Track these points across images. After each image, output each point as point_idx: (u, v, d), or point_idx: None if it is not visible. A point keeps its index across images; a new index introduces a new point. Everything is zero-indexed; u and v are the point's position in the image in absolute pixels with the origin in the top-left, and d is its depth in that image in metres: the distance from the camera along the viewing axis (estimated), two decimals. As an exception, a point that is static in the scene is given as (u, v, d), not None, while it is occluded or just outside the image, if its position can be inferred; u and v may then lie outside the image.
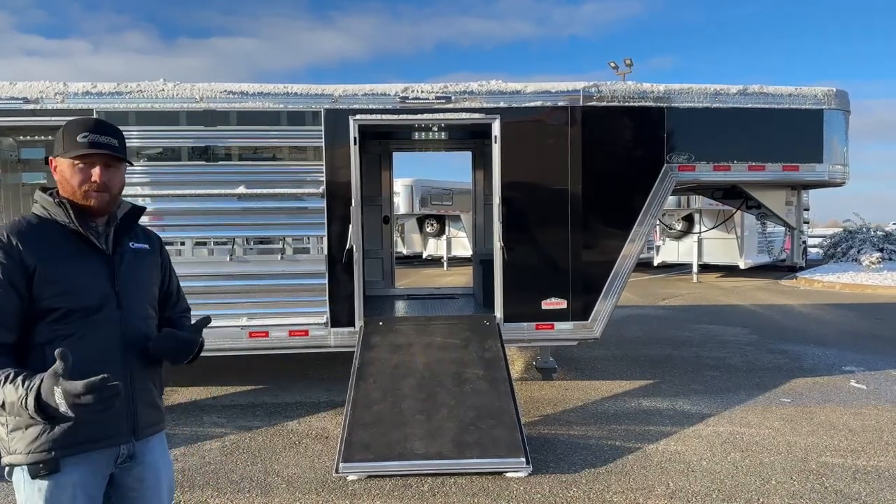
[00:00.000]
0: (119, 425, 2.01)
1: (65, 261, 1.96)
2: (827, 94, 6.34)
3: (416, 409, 4.90)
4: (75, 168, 2.00)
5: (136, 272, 2.11)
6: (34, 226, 1.99)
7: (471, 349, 5.65)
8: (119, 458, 2.04)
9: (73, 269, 1.97)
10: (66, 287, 1.93)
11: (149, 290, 2.18)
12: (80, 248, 2.00)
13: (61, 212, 2.00)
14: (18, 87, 5.81)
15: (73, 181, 2.00)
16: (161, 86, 5.88)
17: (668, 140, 6.09)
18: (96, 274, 2.00)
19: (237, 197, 5.89)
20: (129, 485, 2.08)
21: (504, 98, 6.02)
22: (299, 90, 5.93)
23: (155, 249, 2.25)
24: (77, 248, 2.00)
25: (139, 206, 2.21)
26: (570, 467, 4.57)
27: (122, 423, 2.02)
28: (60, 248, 1.97)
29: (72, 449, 1.91)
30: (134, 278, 2.10)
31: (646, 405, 6.03)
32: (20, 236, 1.92)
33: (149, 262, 2.20)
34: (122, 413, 2.00)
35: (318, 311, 5.99)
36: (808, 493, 4.16)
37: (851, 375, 7.06)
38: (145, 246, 2.20)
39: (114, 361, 1.97)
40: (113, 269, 2.04)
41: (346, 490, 4.22)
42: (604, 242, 6.11)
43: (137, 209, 2.19)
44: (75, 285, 1.95)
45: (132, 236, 2.16)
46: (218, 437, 5.22)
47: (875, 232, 20.83)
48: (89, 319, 1.95)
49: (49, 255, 1.94)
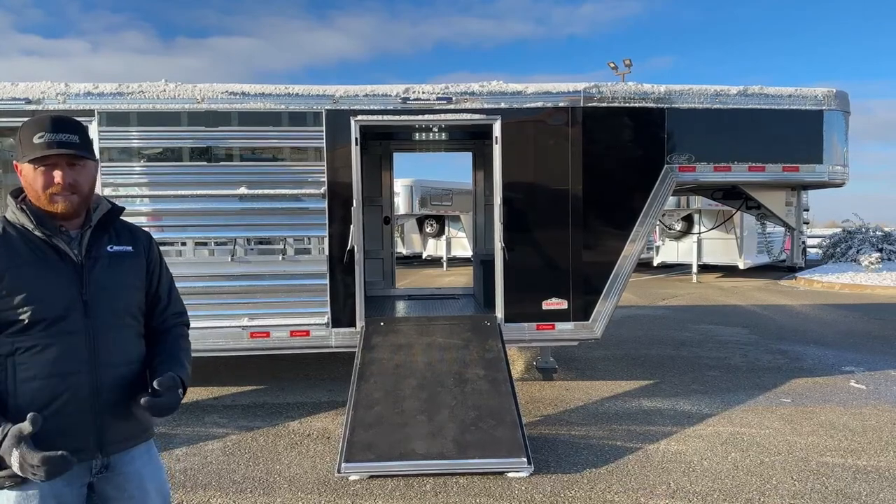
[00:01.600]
0: (82, 440, 1.91)
1: (27, 269, 1.85)
2: (827, 95, 6.35)
3: (418, 410, 4.91)
4: (37, 171, 1.88)
5: (110, 278, 1.98)
6: (1, 232, 1.88)
7: (472, 349, 5.66)
8: (94, 469, 1.97)
9: (37, 278, 1.86)
10: (28, 297, 1.83)
11: (126, 296, 2.04)
12: (46, 254, 1.89)
13: (25, 217, 1.90)
14: (20, 87, 5.81)
15: (35, 185, 1.89)
16: (162, 86, 5.88)
17: (669, 141, 6.10)
18: (62, 282, 1.89)
19: (238, 197, 5.90)
20: (110, 494, 2.02)
21: (505, 99, 6.03)
22: (301, 91, 5.94)
23: (140, 251, 2.10)
24: (42, 256, 1.89)
25: (118, 206, 2.08)
26: (572, 467, 4.58)
27: (88, 438, 1.92)
28: (24, 255, 1.86)
29: None
30: (107, 284, 1.97)
31: (646, 405, 6.04)
32: None
33: (129, 265, 2.06)
34: (85, 428, 1.91)
35: (319, 311, 6.00)
36: (809, 492, 4.17)
37: (851, 376, 7.07)
38: (128, 248, 2.06)
39: (78, 374, 1.88)
40: (82, 276, 1.92)
41: (349, 490, 4.23)
42: (604, 243, 6.12)
43: (116, 209, 2.07)
44: (38, 295, 1.84)
45: (112, 238, 2.04)
46: (219, 437, 5.23)
47: (874, 232, 20.86)
48: (52, 330, 1.85)
49: (11, 262, 1.84)
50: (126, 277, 2.04)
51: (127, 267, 2.05)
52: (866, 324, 10.59)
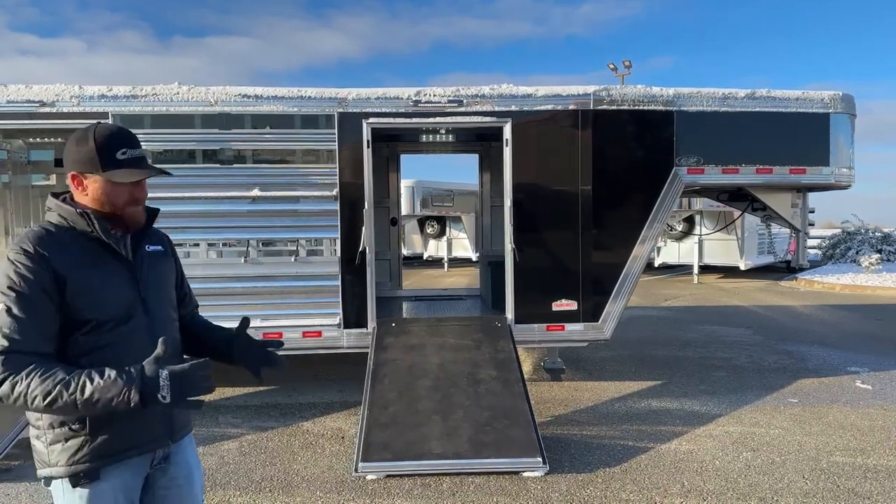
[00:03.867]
0: (157, 431, 2.02)
1: (90, 271, 1.89)
2: (833, 98, 6.42)
3: (432, 410, 4.96)
4: (118, 187, 1.92)
5: (156, 276, 2.07)
6: (55, 235, 1.90)
7: (483, 350, 5.71)
8: (155, 460, 2.05)
9: (99, 280, 1.90)
10: (94, 298, 1.88)
11: (169, 293, 2.15)
12: (103, 256, 1.94)
13: (84, 221, 1.92)
14: (35, 90, 5.85)
15: (115, 199, 1.93)
16: (176, 89, 5.92)
17: (678, 143, 6.16)
18: (121, 282, 1.95)
19: (251, 199, 5.94)
20: (162, 484, 2.09)
21: (515, 101, 6.08)
22: (313, 94, 5.99)
23: (167, 251, 2.19)
24: (100, 257, 1.93)
25: (153, 208, 2.12)
26: (585, 467, 4.63)
27: (160, 428, 2.03)
28: (85, 257, 1.90)
29: (112, 458, 1.91)
30: (155, 282, 2.06)
31: (655, 406, 6.10)
32: (45, 246, 1.84)
33: (165, 263, 2.15)
34: (160, 420, 2.02)
35: (331, 312, 6.04)
36: (821, 491, 4.23)
37: (857, 376, 7.13)
38: (159, 248, 2.14)
39: None
40: (136, 276, 1.99)
41: (367, 489, 4.28)
42: (614, 244, 6.18)
43: (153, 212, 2.11)
44: (103, 296, 1.90)
45: (146, 239, 2.09)
46: (234, 437, 5.27)
47: (873, 233, 20.95)
48: (120, 329, 1.91)
49: (75, 265, 1.87)
50: (166, 275, 2.15)
51: (163, 265, 2.15)
52: (869, 324, 10.66)
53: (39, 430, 1.89)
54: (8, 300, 1.76)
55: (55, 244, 1.86)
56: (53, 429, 1.86)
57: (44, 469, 1.90)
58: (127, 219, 1.97)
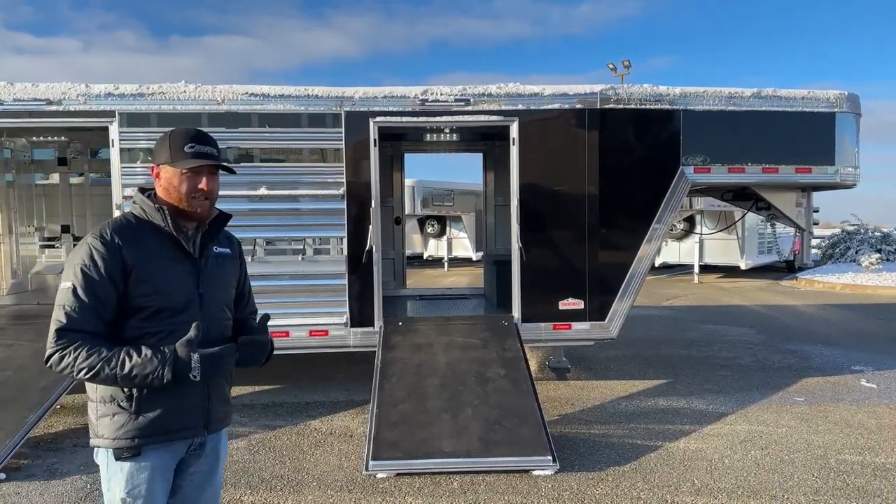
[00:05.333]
0: (195, 419, 2.16)
1: (158, 262, 2.07)
2: (839, 98, 6.43)
3: (441, 408, 4.96)
4: (183, 177, 2.10)
5: (217, 276, 2.23)
6: (133, 226, 2.10)
7: (491, 349, 5.71)
8: (192, 446, 2.19)
9: (165, 271, 2.08)
10: (156, 287, 2.05)
11: (227, 293, 2.30)
12: (173, 250, 2.12)
13: (159, 216, 2.11)
14: (41, 88, 5.84)
15: (181, 189, 2.11)
16: (182, 87, 5.92)
17: (684, 142, 6.16)
18: (184, 276, 2.12)
19: (258, 198, 5.93)
20: (193, 469, 2.23)
21: (522, 100, 6.08)
22: (320, 92, 5.98)
23: (235, 254, 2.36)
24: (170, 251, 2.11)
25: (226, 212, 2.29)
26: (595, 465, 4.64)
27: (198, 417, 2.17)
28: (155, 249, 2.08)
29: (152, 438, 2.07)
30: (215, 282, 2.21)
31: (662, 404, 6.10)
32: (121, 235, 2.04)
33: (230, 265, 2.32)
34: (198, 409, 2.16)
35: (337, 311, 6.04)
36: (831, 489, 4.24)
37: (861, 375, 7.15)
38: (227, 251, 2.31)
39: None
40: (198, 272, 2.16)
41: (378, 488, 4.28)
42: (620, 243, 6.18)
43: (224, 216, 2.28)
44: (165, 286, 2.07)
45: (216, 241, 2.26)
46: (243, 435, 5.27)
47: (873, 233, 21.00)
48: (175, 319, 2.06)
49: (145, 255, 2.05)
50: (228, 276, 2.31)
51: (228, 267, 2.31)
52: (870, 324, 10.69)
53: (93, 403, 2.09)
54: (76, 280, 1.97)
55: (131, 234, 2.06)
56: (105, 403, 2.05)
57: (94, 439, 2.10)
58: (192, 210, 2.12)
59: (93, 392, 2.08)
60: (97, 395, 2.06)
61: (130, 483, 2.06)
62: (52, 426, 5.50)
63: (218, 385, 2.22)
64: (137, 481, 2.07)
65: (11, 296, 7.69)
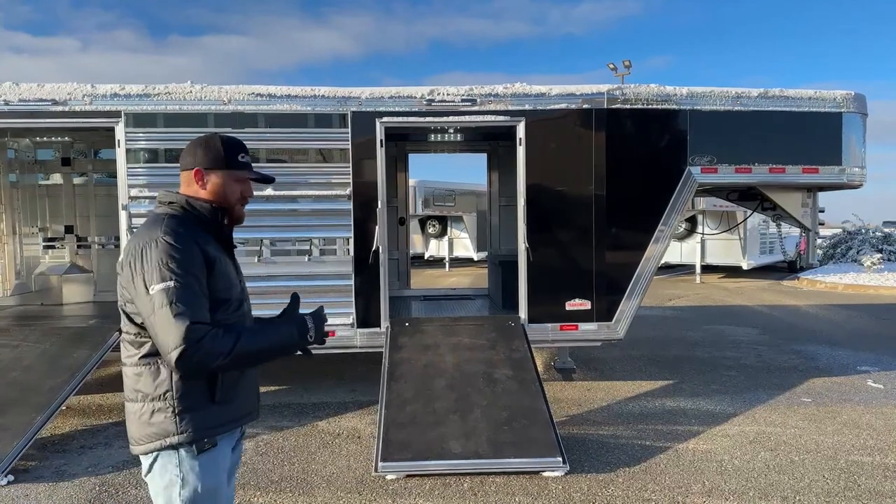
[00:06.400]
0: (255, 404, 2.30)
1: (220, 256, 2.16)
2: (846, 98, 6.42)
3: (450, 409, 4.94)
4: (237, 184, 2.22)
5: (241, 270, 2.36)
6: (189, 223, 2.14)
7: (498, 350, 5.70)
8: (240, 436, 2.31)
9: (226, 265, 2.18)
10: (228, 280, 2.15)
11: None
12: (220, 247, 2.20)
13: (215, 215, 2.20)
14: (46, 89, 5.82)
15: (231, 194, 2.22)
16: (188, 88, 5.90)
17: (691, 142, 6.15)
18: (233, 269, 2.24)
19: (264, 198, 5.91)
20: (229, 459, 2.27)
21: (529, 100, 6.07)
22: (326, 93, 5.97)
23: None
24: (221, 248, 2.20)
25: None
26: (605, 466, 4.62)
27: (255, 401, 2.31)
28: (213, 244, 2.16)
29: (226, 426, 2.15)
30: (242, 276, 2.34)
31: (669, 405, 6.09)
32: (188, 230, 2.09)
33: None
34: (254, 393, 2.30)
35: (344, 311, 6.03)
36: (843, 490, 4.23)
37: (867, 375, 7.14)
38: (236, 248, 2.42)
39: None
40: (237, 267, 2.29)
41: (387, 489, 4.26)
42: (628, 243, 6.17)
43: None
44: (231, 279, 2.18)
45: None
46: (250, 436, 5.24)
47: (874, 233, 21.00)
48: (240, 309, 2.18)
49: (213, 250, 2.13)
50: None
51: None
52: (875, 324, 10.68)
53: (161, 402, 2.03)
54: (173, 277, 1.95)
55: (192, 230, 2.10)
56: (183, 398, 2.03)
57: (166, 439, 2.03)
58: (235, 214, 2.25)
59: (163, 392, 2.03)
60: (171, 392, 2.02)
61: (210, 474, 2.09)
62: (59, 428, 5.48)
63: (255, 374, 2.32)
64: (215, 471, 2.11)
65: (15, 297, 7.67)
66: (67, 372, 5.24)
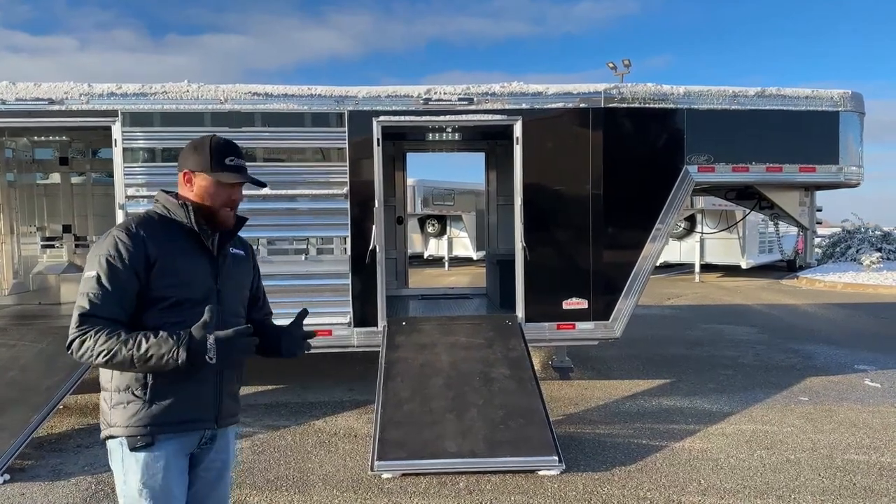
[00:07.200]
0: (206, 411, 2.21)
1: (180, 256, 2.16)
2: (843, 97, 6.42)
3: (446, 408, 4.95)
4: (221, 187, 2.21)
5: (233, 275, 2.31)
6: (156, 222, 2.19)
7: (495, 349, 5.70)
8: (202, 440, 2.24)
9: (186, 264, 2.16)
10: (178, 280, 2.13)
11: (242, 291, 2.39)
12: (193, 246, 2.20)
13: (182, 212, 2.20)
14: (43, 88, 5.82)
15: (216, 197, 2.21)
16: (185, 87, 5.90)
17: (688, 141, 6.15)
18: (203, 271, 2.20)
19: (261, 198, 5.91)
20: (204, 465, 2.28)
21: (526, 99, 6.07)
22: (323, 92, 5.97)
23: (248, 256, 2.45)
24: (190, 246, 2.19)
25: (242, 216, 2.35)
26: (601, 465, 4.62)
27: (209, 409, 2.21)
28: (178, 244, 2.17)
29: (164, 427, 2.11)
30: (231, 280, 2.29)
31: (666, 404, 6.09)
32: (146, 229, 2.13)
33: (244, 266, 2.41)
34: (209, 401, 2.21)
35: (341, 311, 6.03)
36: (838, 489, 4.23)
37: (864, 374, 7.14)
38: (241, 252, 2.40)
39: None
40: (217, 269, 2.24)
41: (383, 488, 4.26)
42: (625, 242, 6.17)
43: (241, 219, 2.34)
44: (186, 279, 2.15)
45: (232, 242, 2.34)
46: (246, 436, 5.25)
47: (873, 232, 21.00)
48: (194, 311, 2.09)
49: (168, 248, 2.13)
50: (242, 276, 2.39)
51: (242, 267, 2.40)
52: (873, 323, 10.69)
53: (107, 393, 2.13)
54: (101, 270, 2.04)
55: (154, 229, 2.15)
56: (119, 392, 2.10)
57: (106, 429, 2.14)
58: (220, 218, 2.23)
59: (107, 382, 2.13)
60: (112, 384, 2.11)
61: (147, 473, 2.10)
62: (55, 427, 5.48)
63: (228, 379, 2.27)
64: (153, 471, 2.11)
65: (13, 296, 7.68)
66: (64, 371, 5.23)
